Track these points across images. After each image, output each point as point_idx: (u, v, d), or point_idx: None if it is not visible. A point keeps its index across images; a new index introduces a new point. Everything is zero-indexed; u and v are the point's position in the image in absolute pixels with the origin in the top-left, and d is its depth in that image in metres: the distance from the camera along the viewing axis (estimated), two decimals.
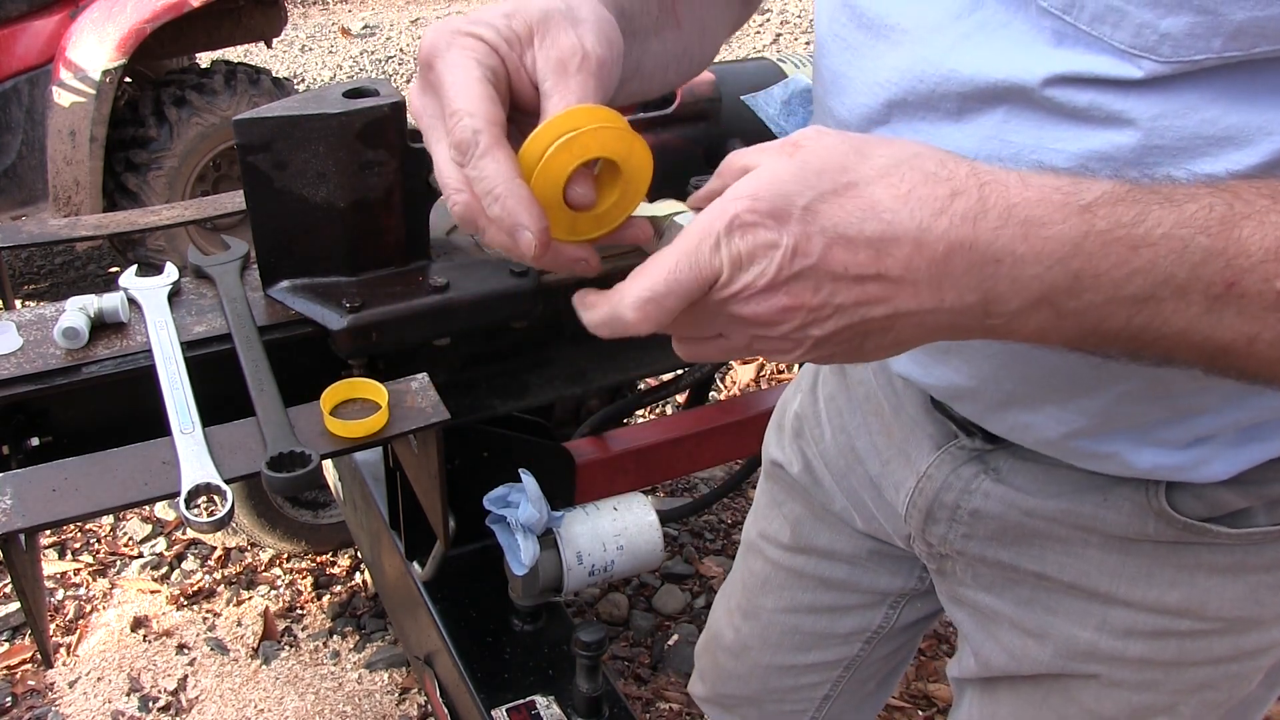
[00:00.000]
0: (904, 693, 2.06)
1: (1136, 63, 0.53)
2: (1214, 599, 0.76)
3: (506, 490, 1.30)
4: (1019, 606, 0.86)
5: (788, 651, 1.11)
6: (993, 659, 0.90)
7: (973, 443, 0.82)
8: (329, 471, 1.90)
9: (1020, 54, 0.58)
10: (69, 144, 3.02)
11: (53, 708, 2.01)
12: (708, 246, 0.50)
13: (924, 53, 0.62)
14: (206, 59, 3.80)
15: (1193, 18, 0.51)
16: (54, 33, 3.01)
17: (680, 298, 0.51)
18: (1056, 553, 0.81)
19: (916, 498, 0.87)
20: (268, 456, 0.88)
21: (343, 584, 2.33)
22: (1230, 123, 0.53)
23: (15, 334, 1.02)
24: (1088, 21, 0.54)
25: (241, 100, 3.25)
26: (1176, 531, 0.74)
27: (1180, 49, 0.52)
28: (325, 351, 1.09)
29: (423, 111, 0.58)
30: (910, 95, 0.63)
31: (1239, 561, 0.75)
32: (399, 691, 2.06)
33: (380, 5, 7.49)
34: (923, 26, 0.62)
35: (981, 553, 0.85)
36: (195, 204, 1.35)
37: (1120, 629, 0.80)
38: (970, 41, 0.60)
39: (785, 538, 1.07)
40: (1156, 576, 0.77)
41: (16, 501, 0.84)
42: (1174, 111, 0.54)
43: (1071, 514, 0.78)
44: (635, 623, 2.22)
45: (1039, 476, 0.79)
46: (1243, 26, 0.50)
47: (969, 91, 0.60)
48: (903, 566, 1.03)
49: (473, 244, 1.25)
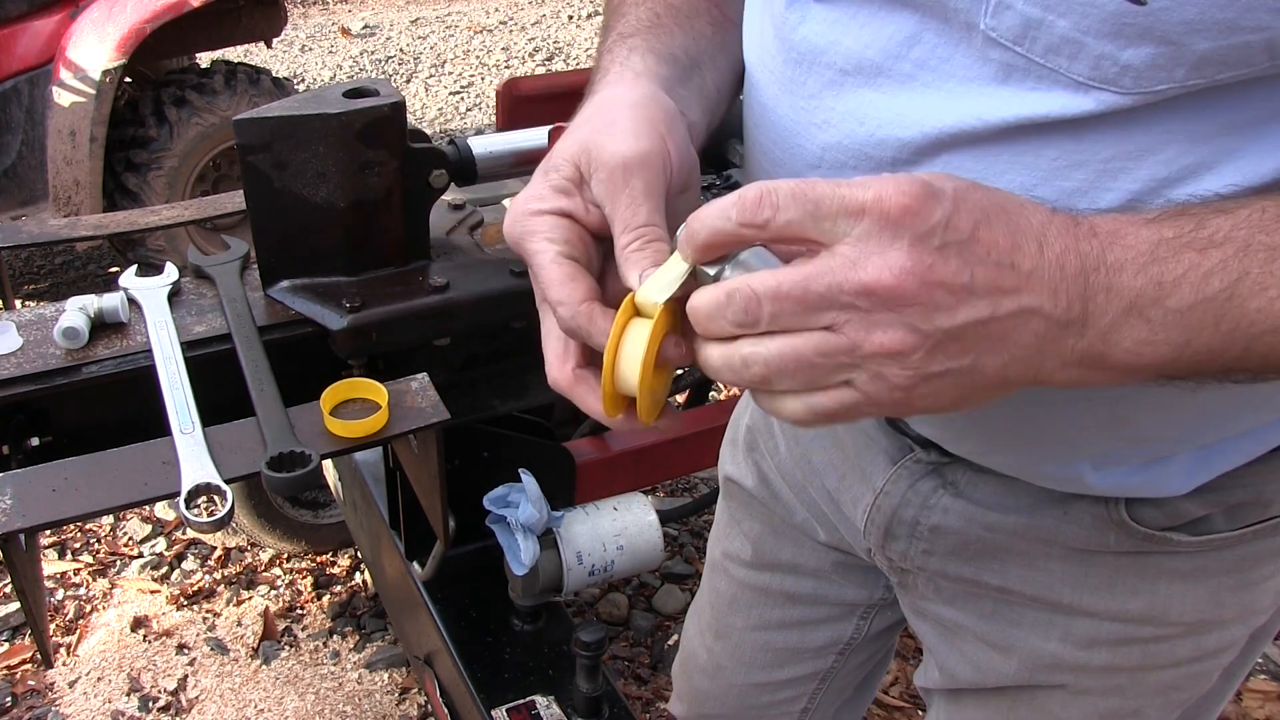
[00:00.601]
0: (903, 693, 2.06)
1: (1094, 95, 0.52)
2: (1176, 605, 0.77)
3: (506, 490, 1.30)
4: (982, 620, 0.85)
5: (761, 669, 1.09)
6: (958, 671, 0.89)
7: (929, 456, 0.80)
8: (329, 471, 1.90)
9: (963, 96, 0.56)
10: (69, 144, 3.02)
11: (53, 708, 2.01)
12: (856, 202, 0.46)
13: (863, 96, 0.60)
14: (206, 59, 3.80)
15: (1155, 49, 0.50)
16: (54, 33, 3.01)
17: (821, 214, 0.46)
18: (1018, 566, 0.80)
19: (874, 514, 0.85)
20: (268, 456, 0.88)
21: (343, 584, 2.33)
22: (1195, 154, 0.53)
23: (15, 334, 1.02)
24: (1041, 53, 0.52)
25: (241, 100, 3.25)
26: (1137, 542, 0.74)
27: (1142, 80, 0.51)
28: (325, 351, 1.09)
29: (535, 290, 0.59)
30: (848, 140, 0.61)
31: (1200, 567, 0.75)
32: (399, 691, 2.06)
33: (380, 5, 7.49)
34: (858, 64, 0.60)
35: (943, 568, 0.84)
36: (195, 204, 1.35)
37: (1084, 639, 0.80)
38: (914, 83, 0.58)
39: (747, 555, 1.05)
40: (1118, 586, 0.77)
41: (16, 501, 0.84)
42: (1128, 152, 0.53)
43: (1032, 528, 0.77)
44: (635, 623, 2.22)
45: (998, 490, 0.78)
46: (1206, 56, 0.49)
47: (909, 139, 0.58)
48: (869, 577, 1.01)
49: (473, 244, 1.25)
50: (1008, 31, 0.53)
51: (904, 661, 2.13)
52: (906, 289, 0.45)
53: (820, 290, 0.46)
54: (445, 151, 1.14)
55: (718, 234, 0.49)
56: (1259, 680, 2.07)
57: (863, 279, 0.45)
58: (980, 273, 0.46)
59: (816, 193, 0.46)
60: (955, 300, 0.46)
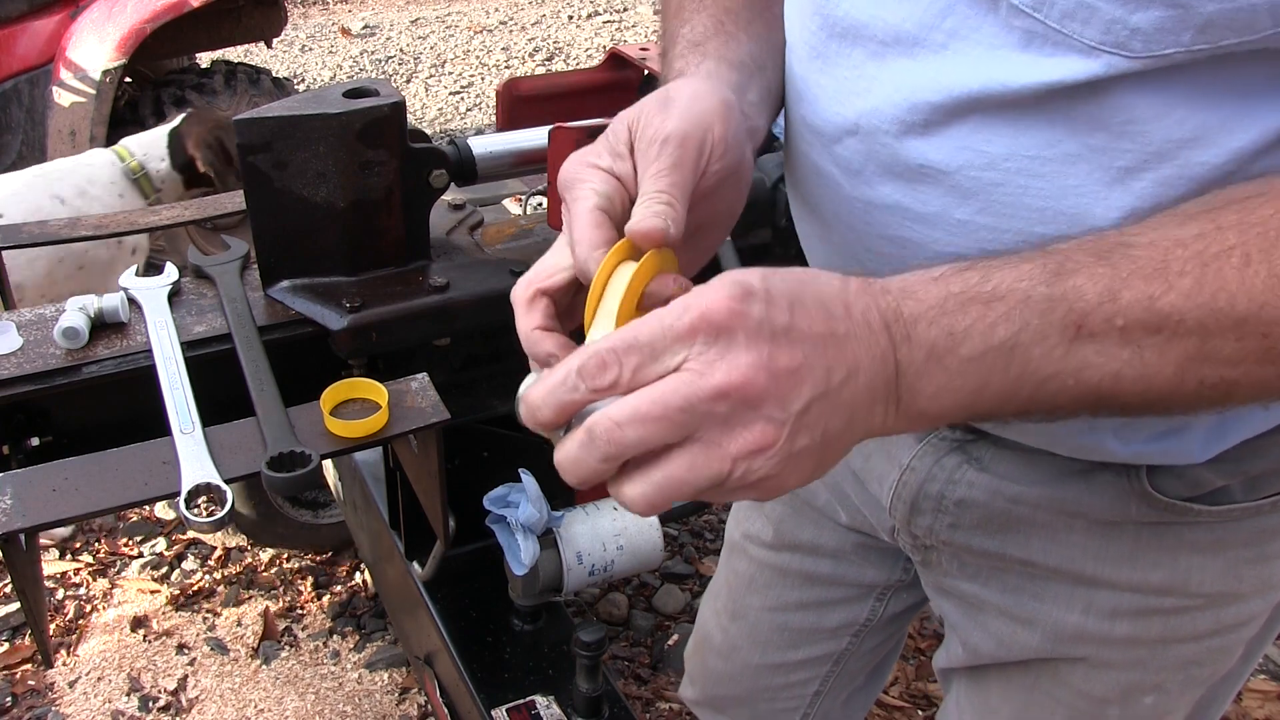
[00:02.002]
0: (904, 693, 2.06)
1: (1104, 60, 0.54)
2: (1195, 576, 0.79)
3: (506, 490, 1.30)
4: (1006, 594, 0.87)
5: (776, 649, 1.12)
6: (981, 646, 0.91)
7: (954, 434, 0.83)
8: (329, 471, 1.90)
9: (989, 62, 0.59)
10: (69, 144, 3.02)
11: (53, 708, 2.01)
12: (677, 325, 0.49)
13: (902, 65, 0.63)
14: (206, 59, 3.80)
15: (1163, 12, 0.52)
16: (54, 33, 3.01)
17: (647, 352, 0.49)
18: (1041, 539, 0.82)
19: (901, 490, 0.88)
20: (268, 456, 0.88)
21: (343, 584, 2.33)
22: (1195, 123, 0.55)
23: (15, 334, 1.02)
24: (1057, 19, 0.55)
25: (241, 100, 3.25)
26: (1158, 512, 0.76)
27: (1150, 43, 0.53)
28: (325, 351, 1.09)
29: (562, 233, 0.62)
30: (885, 104, 0.64)
31: (1219, 539, 0.78)
32: (399, 691, 2.06)
33: (380, 5, 7.49)
34: (897, 36, 0.63)
35: (967, 542, 0.86)
36: (195, 204, 1.34)
37: (1106, 610, 0.82)
38: (946, 51, 0.61)
39: (768, 536, 1.08)
40: (1140, 558, 0.79)
41: (16, 501, 0.84)
42: (1143, 117, 0.56)
43: (1055, 500, 0.79)
44: (635, 623, 2.22)
45: (1022, 464, 0.80)
46: (1212, 19, 0.51)
47: (940, 103, 0.61)
48: (887, 559, 1.03)
49: (473, 244, 1.25)
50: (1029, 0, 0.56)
51: (904, 662, 2.13)
52: (757, 384, 0.47)
53: (679, 404, 0.47)
54: (445, 151, 1.14)
55: (570, 405, 0.50)
56: (1259, 680, 2.07)
57: (716, 384, 0.47)
58: (809, 350, 0.49)
59: (647, 335, 0.49)
60: (797, 382, 0.48)
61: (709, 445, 0.48)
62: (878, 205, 0.68)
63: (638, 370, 0.49)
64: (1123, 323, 0.51)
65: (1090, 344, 0.51)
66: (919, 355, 0.51)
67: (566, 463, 0.50)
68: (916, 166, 0.64)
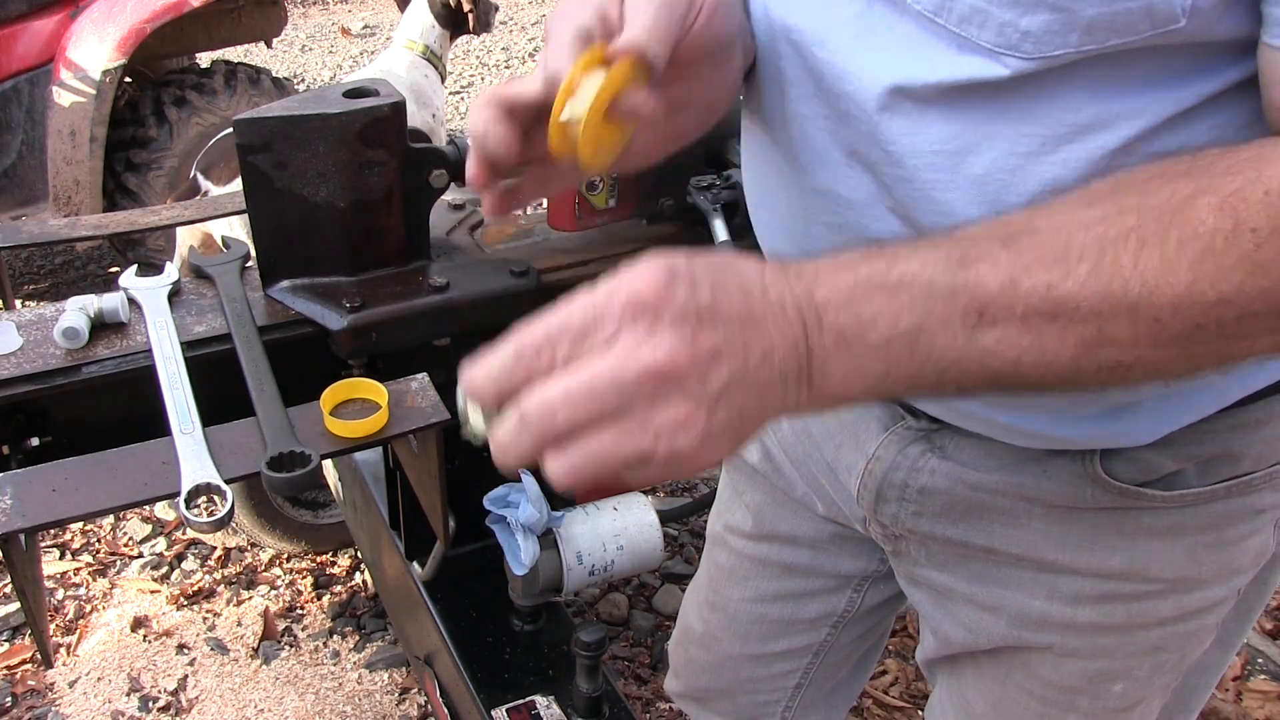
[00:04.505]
0: (904, 693, 2.06)
1: (1003, 61, 0.57)
2: (1155, 561, 0.80)
3: (506, 490, 1.30)
4: (972, 582, 0.88)
5: (756, 640, 1.12)
6: (952, 635, 0.92)
7: (918, 423, 0.85)
8: (329, 471, 1.90)
9: (911, 57, 0.61)
10: (69, 144, 3.02)
11: (53, 708, 2.01)
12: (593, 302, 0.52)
13: (827, 59, 0.66)
14: (206, 59, 3.80)
15: (1049, 15, 0.55)
16: (54, 33, 3.01)
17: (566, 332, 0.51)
18: (1003, 525, 0.83)
19: (867, 479, 0.89)
20: (268, 456, 0.88)
21: (343, 584, 2.33)
22: (1093, 111, 0.58)
23: (15, 334, 1.02)
24: (956, 23, 0.58)
25: (241, 100, 3.25)
26: (1113, 497, 0.77)
27: (1041, 45, 0.56)
28: (325, 351, 1.09)
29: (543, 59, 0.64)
30: (818, 98, 0.67)
31: (1176, 524, 0.78)
32: (399, 691, 2.06)
33: (380, 5, 7.49)
34: (824, 34, 0.66)
35: (932, 530, 0.88)
36: (195, 204, 1.35)
37: (1069, 596, 0.84)
38: (863, 43, 0.64)
39: (748, 526, 1.09)
40: (1099, 543, 0.81)
41: (16, 501, 0.84)
42: (1046, 107, 0.59)
43: (1014, 485, 0.81)
44: (635, 623, 2.22)
45: (981, 451, 0.81)
46: (1094, 22, 0.54)
47: (856, 94, 0.64)
48: (864, 549, 1.04)
49: (473, 244, 1.25)
50: (929, 5, 0.59)
51: (904, 662, 2.13)
52: (681, 363, 0.50)
53: (607, 385, 0.50)
54: (445, 151, 1.14)
55: (511, 388, 0.52)
56: (1259, 680, 2.07)
57: (643, 364, 0.49)
58: (729, 331, 0.51)
59: (579, 318, 0.51)
60: (717, 362, 0.51)
61: (634, 421, 0.50)
62: (813, 192, 0.72)
63: (571, 351, 0.51)
64: (1022, 310, 0.52)
65: (991, 331, 0.53)
66: (829, 341, 0.53)
67: (501, 446, 0.53)
68: (847, 154, 0.67)
